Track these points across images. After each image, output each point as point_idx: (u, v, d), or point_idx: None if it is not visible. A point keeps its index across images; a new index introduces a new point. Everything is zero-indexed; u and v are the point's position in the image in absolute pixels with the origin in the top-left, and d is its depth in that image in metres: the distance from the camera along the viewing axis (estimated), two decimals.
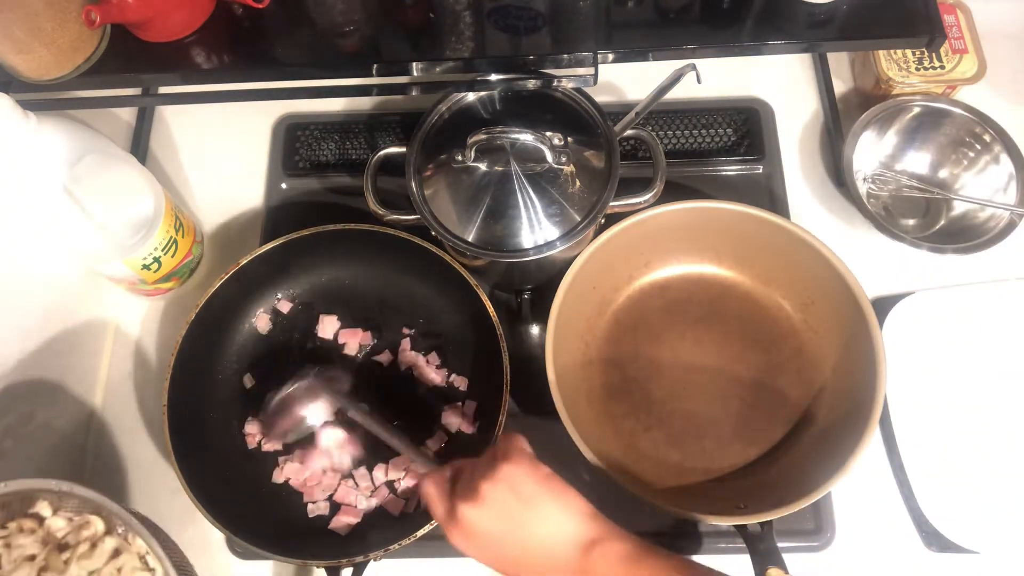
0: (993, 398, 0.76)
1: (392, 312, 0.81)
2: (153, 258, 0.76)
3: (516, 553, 0.53)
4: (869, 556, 0.73)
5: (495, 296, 0.81)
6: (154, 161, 0.92)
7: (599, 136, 0.72)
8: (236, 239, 0.88)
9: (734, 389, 0.76)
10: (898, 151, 0.86)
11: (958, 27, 0.86)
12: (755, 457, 0.74)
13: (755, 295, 0.80)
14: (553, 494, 0.54)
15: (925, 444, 0.74)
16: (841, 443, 0.67)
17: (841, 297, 0.72)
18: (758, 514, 0.65)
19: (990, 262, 0.80)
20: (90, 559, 0.60)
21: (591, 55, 0.70)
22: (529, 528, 0.53)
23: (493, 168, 0.70)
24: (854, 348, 0.71)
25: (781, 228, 0.74)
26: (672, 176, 0.79)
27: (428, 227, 0.72)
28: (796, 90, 0.92)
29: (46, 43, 0.67)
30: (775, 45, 0.72)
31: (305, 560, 0.68)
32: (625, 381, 0.77)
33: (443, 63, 0.71)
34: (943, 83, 0.84)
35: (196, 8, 0.72)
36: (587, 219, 0.70)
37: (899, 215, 0.84)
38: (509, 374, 0.71)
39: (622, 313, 0.80)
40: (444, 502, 0.56)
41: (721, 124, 0.88)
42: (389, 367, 0.79)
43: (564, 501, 0.54)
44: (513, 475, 0.53)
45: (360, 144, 0.90)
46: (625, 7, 0.75)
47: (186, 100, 0.77)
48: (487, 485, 0.53)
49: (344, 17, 0.75)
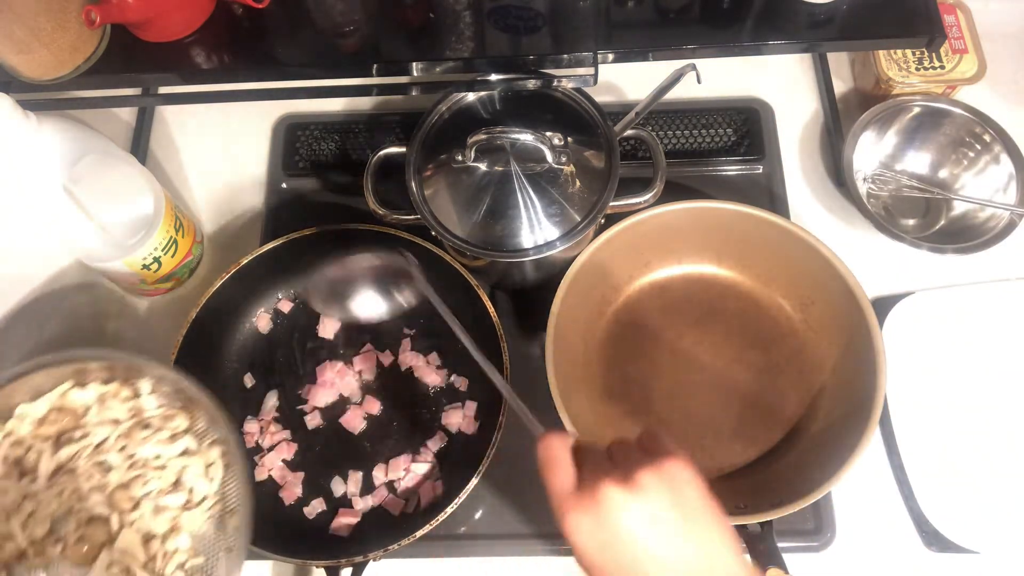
0: (993, 398, 0.76)
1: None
2: (153, 258, 0.76)
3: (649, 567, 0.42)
4: (869, 556, 0.73)
5: (495, 296, 0.81)
6: (154, 161, 0.92)
7: (599, 136, 0.73)
8: (236, 239, 0.88)
9: (734, 389, 0.76)
10: (898, 151, 0.86)
11: (958, 27, 0.86)
12: (755, 457, 0.74)
13: (755, 295, 0.80)
14: (717, 517, 0.44)
15: (925, 444, 0.74)
16: (841, 443, 0.67)
17: (841, 297, 0.72)
18: (758, 514, 0.65)
19: (990, 262, 0.80)
20: (164, 447, 0.62)
21: (591, 55, 0.70)
22: (682, 545, 0.42)
23: (493, 168, 0.70)
24: (854, 348, 0.71)
25: (781, 228, 0.74)
26: (672, 176, 0.79)
27: (428, 227, 0.72)
28: (796, 90, 0.92)
29: (46, 43, 0.67)
30: (775, 45, 0.72)
31: (305, 560, 0.68)
32: (625, 381, 0.77)
33: (443, 63, 0.71)
34: (943, 83, 0.84)
35: (196, 8, 0.72)
36: (587, 219, 0.70)
37: (899, 215, 0.84)
38: (509, 374, 0.71)
39: (622, 313, 0.80)
40: (570, 472, 0.45)
41: (721, 124, 0.88)
42: (389, 367, 0.79)
43: (727, 529, 0.44)
44: (679, 476, 0.43)
45: (360, 144, 0.90)
46: (625, 7, 0.75)
47: (186, 100, 0.77)
48: (650, 475, 0.42)
49: (344, 17, 0.75)
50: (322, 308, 0.70)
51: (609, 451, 0.46)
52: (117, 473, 0.61)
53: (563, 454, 0.45)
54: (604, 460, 0.45)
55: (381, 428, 0.77)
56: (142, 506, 0.60)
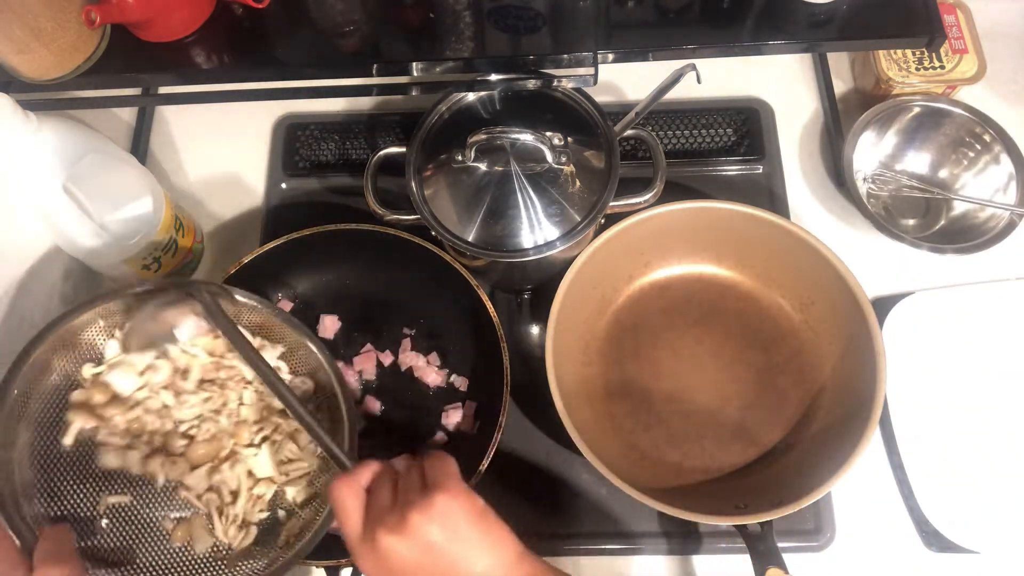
0: (993, 398, 0.76)
1: (392, 312, 0.81)
2: (153, 258, 0.76)
3: None
4: (869, 556, 0.73)
5: (495, 296, 0.81)
6: (154, 161, 0.92)
7: (599, 136, 0.73)
8: (236, 239, 0.88)
9: (734, 389, 0.76)
10: (898, 151, 0.86)
11: (958, 27, 0.86)
12: (755, 457, 0.74)
13: (755, 295, 0.80)
14: (486, 532, 0.50)
15: (925, 444, 0.74)
16: (841, 443, 0.67)
17: (841, 297, 0.72)
18: (758, 514, 0.65)
19: (990, 262, 0.80)
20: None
21: (591, 55, 0.70)
22: (456, 567, 0.49)
23: (493, 168, 0.70)
24: (854, 348, 0.71)
25: (781, 228, 0.74)
26: (672, 176, 0.79)
27: (428, 227, 0.72)
28: (796, 90, 0.92)
29: (46, 43, 0.67)
30: (775, 45, 0.72)
31: (305, 560, 0.68)
32: (625, 381, 0.77)
33: (443, 63, 0.71)
34: (943, 83, 0.84)
35: (196, 8, 0.72)
36: (587, 219, 0.70)
37: (899, 215, 0.84)
38: (509, 374, 0.71)
39: (622, 313, 0.80)
40: (358, 518, 0.51)
41: (721, 124, 0.88)
42: (389, 367, 0.79)
43: (496, 540, 0.51)
44: (449, 509, 0.49)
45: (360, 144, 0.90)
46: (625, 7, 0.75)
47: (186, 100, 0.77)
48: (419, 517, 0.49)
49: (344, 17, 0.75)
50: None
51: (396, 483, 0.52)
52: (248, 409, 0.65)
53: (349, 501, 0.52)
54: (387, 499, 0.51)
55: (381, 428, 0.77)
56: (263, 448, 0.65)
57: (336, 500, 0.52)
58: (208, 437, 0.64)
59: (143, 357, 0.63)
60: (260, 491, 0.64)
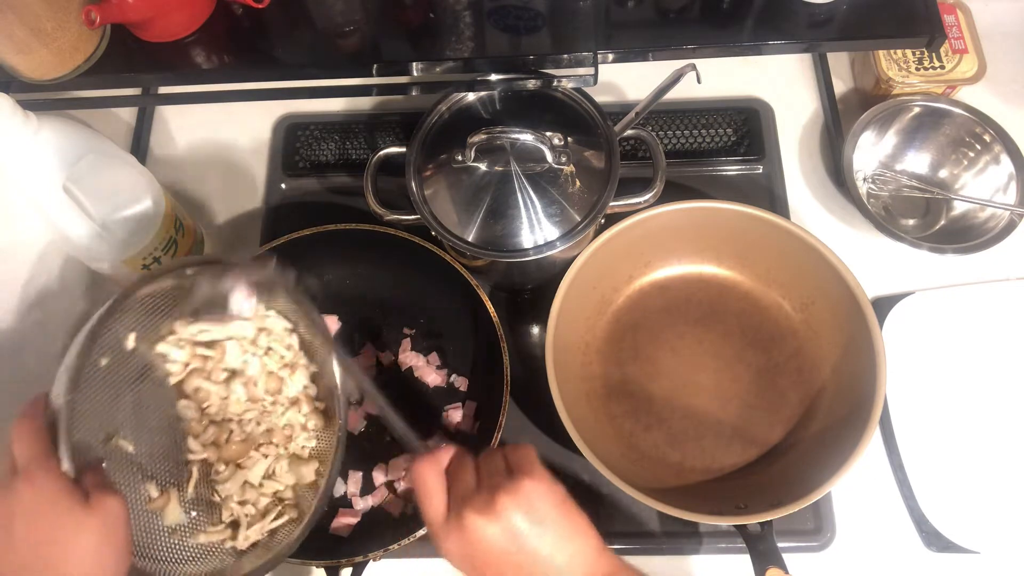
0: (993, 398, 0.76)
1: (392, 312, 0.81)
2: (153, 258, 0.76)
3: (506, 570, 0.50)
4: (869, 556, 0.73)
5: (495, 296, 0.81)
6: (154, 161, 0.92)
7: (599, 136, 0.72)
8: (236, 239, 0.88)
9: (734, 389, 0.76)
10: (898, 151, 0.86)
11: (958, 27, 0.86)
12: (755, 457, 0.74)
13: (755, 295, 0.80)
14: (570, 522, 0.50)
15: (925, 444, 0.74)
16: (841, 443, 0.67)
17: (841, 297, 0.72)
18: (758, 514, 0.65)
19: (990, 262, 0.80)
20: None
21: (591, 55, 0.70)
22: (539, 553, 0.49)
23: (493, 168, 0.70)
24: (854, 348, 0.71)
25: (781, 228, 0.74)
26: (672, 176, 0.79)
27: (428, 227, 0.72)
28: (796, 90, 0.92)
29: (46, 43, 0.67)
30: (775, 45, 0.72)
31: (305, 560, 0.68)
32: (625, 381, 0.77)
33: (443, 63, 0.71)
34: (943, 83, 0.84)
35: (196, 8, 0.72)
36: (587, 219, 0.70)
37: (899, 215, 0.84)
38: (509, 374, 0.71)
39: (622, 313, 0.80)
40: (442, 498, 0.51)
41: (721, 124, 0.88)
42: (389, 367, 0.79)
43: (578, 530, 0.51)
44: (534, 493, 0.49)
45: (360, 144, 0.90)
46: (625, 7, 0.75)
47: (186, 100, 0.77)
48: (507, 499, 0.49)
49: (344, 17, 0.75)
50: None
51: (478, 466, 0.52)
52: (283, 419, 0.65)
53: (433, 481, 0.52)
54: (471, 481, 0.51)
55: (381, 428, 0.77)
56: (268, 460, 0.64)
57: (419, 480, 0.52)
58: (243, 438, 0.63)
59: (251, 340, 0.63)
60: (253, 497, 0.63)
